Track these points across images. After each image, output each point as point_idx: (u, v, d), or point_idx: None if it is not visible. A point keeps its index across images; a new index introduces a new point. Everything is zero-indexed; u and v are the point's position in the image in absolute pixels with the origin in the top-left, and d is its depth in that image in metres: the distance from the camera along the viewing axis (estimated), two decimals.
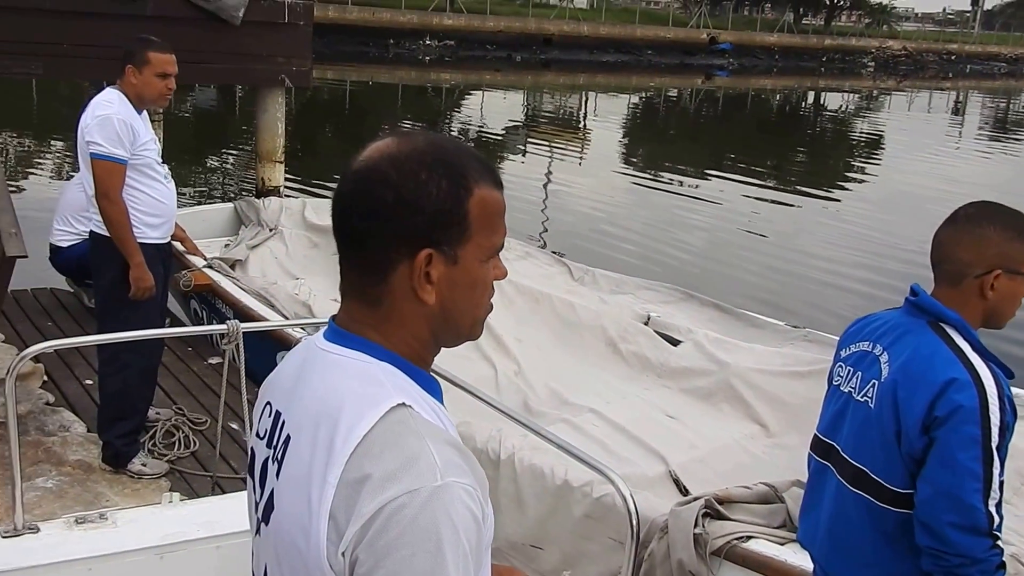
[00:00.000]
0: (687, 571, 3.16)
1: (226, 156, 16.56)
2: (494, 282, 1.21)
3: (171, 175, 4.18)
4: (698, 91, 38.78)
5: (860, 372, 2.16)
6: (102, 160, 3.83)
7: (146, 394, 4.30)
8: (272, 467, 1.19)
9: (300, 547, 1.10)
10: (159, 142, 4.24)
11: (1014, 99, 44.97)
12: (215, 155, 16.41)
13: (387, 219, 1.13)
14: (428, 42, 41.45)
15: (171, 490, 3.71)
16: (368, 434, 1.08)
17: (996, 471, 1.93)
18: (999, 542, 1.94)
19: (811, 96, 40.74)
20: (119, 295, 3.98)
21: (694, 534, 3.18)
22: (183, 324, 6.18)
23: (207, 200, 11.67)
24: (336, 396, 1.13)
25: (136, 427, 4.23)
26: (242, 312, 5.28)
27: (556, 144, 20.25)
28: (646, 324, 5.55)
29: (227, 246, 6.76)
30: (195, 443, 4.51)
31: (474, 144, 17.86)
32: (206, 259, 6.05)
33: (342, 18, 37.31)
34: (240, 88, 18.54)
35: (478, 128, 22.54)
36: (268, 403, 1.27)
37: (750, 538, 3.20)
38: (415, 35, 41.18)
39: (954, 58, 60.53)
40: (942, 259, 2.09)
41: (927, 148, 22.62)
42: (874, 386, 2.10)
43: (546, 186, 15.12)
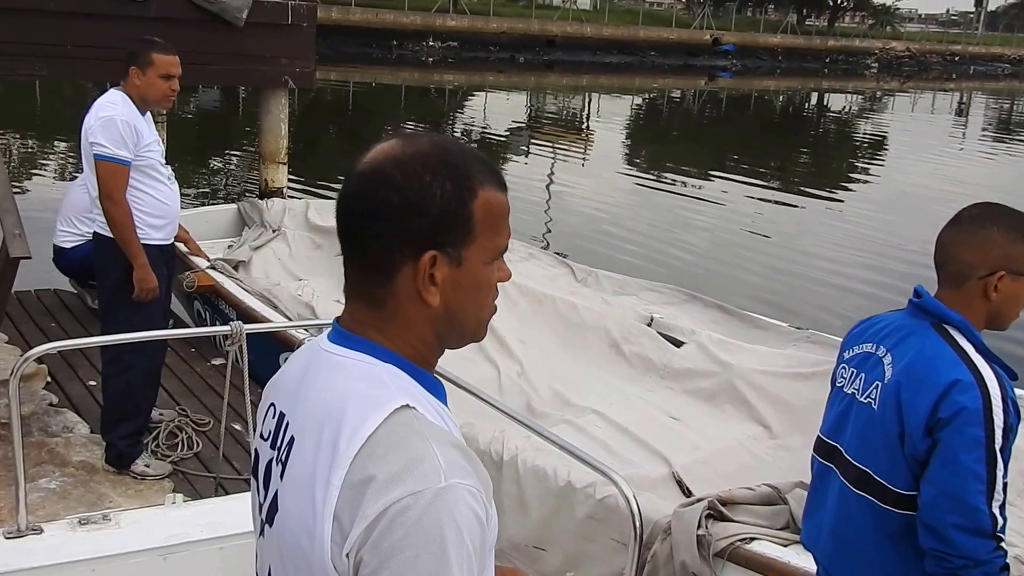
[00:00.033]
0: (690, 573, 3.16)
1: (229, 157, 16.57)
2: (498, 284, 1.21)
3: (175, 176, 4.19)
4: (701, 92, 38.74)
5: (863, 374, 2.16)
6: (106, 161, 3.84)
7: (149, 395, 4.30)
8: (276, 468, 1.20)
9: (304, 548, 1.10)
10: (163, 143, 4.25)
11: (1018, 100, 44.84)
12: (218, 156, 16.42)
13: (391, 221, 1.12)
14: (431, 43, 41.46)
15: (174, 491, 3.72)
16: (372, 436, 1.08)
17: (999, 473, 1.93)
18: (1003, 544, 1.94)
19: (814, 97, 40.70)
20: (123, 296, 3.99)
21: (697, 535, 3.18)
22: (186, 325, 6.17)
23: (210, 201, 11.66)
24: (340, 398, 1.13)
25: (139, 428, 4.24)
26: (245, 313, 5.28)
27: (559, 145, 20.24)
28: (649, 325, 5.55)
29: (230, 247, 6.76)
30: (198, 444, 4.51)
31: (477, 146, 17.83)
32: (209, 260, 6.06)
33: (345, 19, 37.36)
34: (243, 89, 18.55)
35: (481, 129, 22.54)
36: (272, 404, 1.27)
37: (753, 540, 3.19)
38: (418, 36, 41.20)
39: (957, 59, 60.43)
40: (946, 260, 2.09)
41: (931, 149, 22.59)
42: (877, 388, 2.09)
43: (549, 187, 15.11)
